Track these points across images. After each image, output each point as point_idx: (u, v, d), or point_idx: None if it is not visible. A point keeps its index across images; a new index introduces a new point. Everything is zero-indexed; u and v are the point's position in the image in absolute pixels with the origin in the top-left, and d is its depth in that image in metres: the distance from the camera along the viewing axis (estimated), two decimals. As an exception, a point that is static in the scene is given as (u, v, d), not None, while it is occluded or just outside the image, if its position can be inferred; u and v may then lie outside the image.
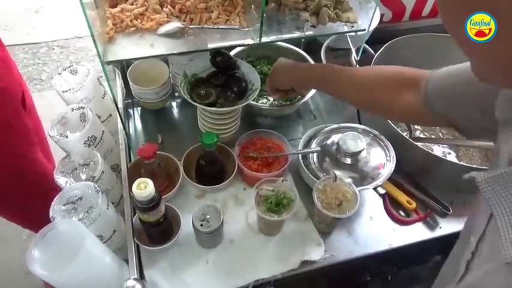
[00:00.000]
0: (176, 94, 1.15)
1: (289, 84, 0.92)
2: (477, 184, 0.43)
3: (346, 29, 0.86)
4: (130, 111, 1.13)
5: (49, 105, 2.36)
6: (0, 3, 3.11)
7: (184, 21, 0.82)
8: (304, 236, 0.89)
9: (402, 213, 0.95)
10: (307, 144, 0.99)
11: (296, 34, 0.83)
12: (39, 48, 2.80)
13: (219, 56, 0.93)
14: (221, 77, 0.94)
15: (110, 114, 1.02)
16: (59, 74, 0.95)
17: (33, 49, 2.80)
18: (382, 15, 1.25)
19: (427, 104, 0.67)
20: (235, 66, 0.95)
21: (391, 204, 0.95)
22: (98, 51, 0.70)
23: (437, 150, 1.09)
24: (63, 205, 0.76)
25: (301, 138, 1.00)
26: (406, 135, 1.01)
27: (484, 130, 0.58)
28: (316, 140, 0.98)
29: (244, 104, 0.89)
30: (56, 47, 2.82)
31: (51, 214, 0.75)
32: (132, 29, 0.79)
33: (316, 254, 0.87)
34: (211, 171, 0.93)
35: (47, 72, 2.65)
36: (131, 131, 1.09)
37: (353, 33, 0.89)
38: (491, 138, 0.54)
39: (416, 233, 0.93)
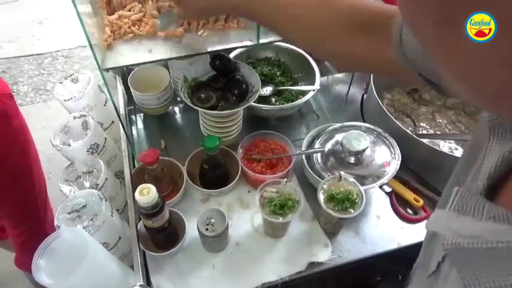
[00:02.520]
0: (178, 99, 1.15)
1: (208, 12, 0.73)
2: (443, 250, 0.35)
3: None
4: (133, 117, 1.13)
5: (55, 115, 2.40)
6: (5, 16, 3.15)
7: (182, 25, 0.82)
8: (310, 237, 0.88)
9: (410, 211, 0.94)
10: (311, 144, 0.98)
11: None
12: (43, 58, 2.83)
13: (219, 59, 0.92)
14: (221, 80, 0.93)
15: (113, 121, 1.02)
16: (60, 83, 0.96)
17: (37, 60, 2.83)
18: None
19: (400, 53, 0.51)
20: (235, 69, 0.95)
21: (398, 203, 0.94)
22: (96, 58, 0.70)
23: (444, 146, 1.07)
24: (68, 213, 0.76)
25: (304, 138, 0.99)
26: (411, 131, 1.00)
27: None
28: (319, 139, 0.98)
29: (245, 106, 0.89)
30: (60, 57, 2.85)
31: (56, 223, 0.75)
32: (130, 35, 0.79)
33: (324, 255, 0.86)
34: (215, 174, 0.92)
35: (52, 82, 2.67)
36: (134, 137, 1.09)
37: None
38: None
39: (425, 230, 0.91)
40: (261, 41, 0.80)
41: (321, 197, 0.82)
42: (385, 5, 0.56)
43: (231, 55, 1.10)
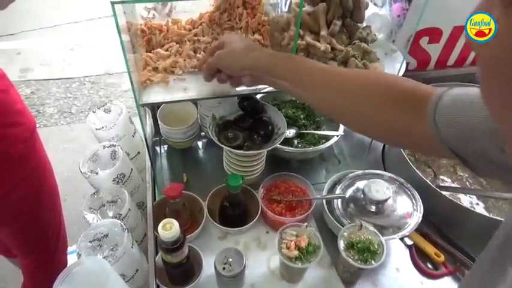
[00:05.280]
0: (202, 134, 1.18)
1: (242, 70, 0.72)
2: None
3: (373, 78, 0.88)
4: (158, 149, 1.16)
5: (77, 138, 2.46)
6: (40, 40, 3.31)
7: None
8: (327, 284, 0.87)
9: (430, 266, 0.92)
10: (332, 189, 0.99)
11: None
12: (71, 83, 2.94)
13: (247, 100, 0.95)
14: (248, 120, 0.96)
15: (139, 152, 1.05)
16: (93, 112, 0.99)
17: (65, 84, 2.94)
18: (407, 64, 1.27)
19: (434, 131, 0.54)
20: (262, 110, 0.97)
21: (418, 256, 0.92)
22: (134, 94, 0.73)
23: (465, 200, 1.06)
24: (90, 242, 0.77)
25: (324, 182, 1.00)
26: (431, 180, 0.99)
27: (500, 170, 0.49)
28: (340, 185, 0.98)
29: (271, 148, 0.91)
30: (88, 83, 2.95)
31: (77, 250, 0.76)
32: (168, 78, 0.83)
33: (340, 304, 0.84)
34: (235, 213, 0.93)
35: (77, 106, 2.76)
36: (157, 168, 1.11)
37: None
38: (506, 179, 0.47)
39: (446, 287, 0.89)
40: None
41: (341, 244, 0.82)
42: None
43: (258, 96, 1.13)
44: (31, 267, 1.23)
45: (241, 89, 0.84)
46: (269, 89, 0.85)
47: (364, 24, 0.90)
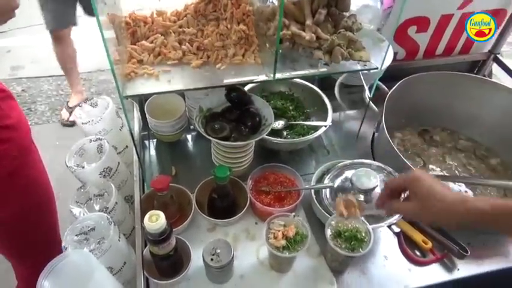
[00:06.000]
0: (191, 127, 1.17)
1: (458, 226, 0.67)
2: None
3: (359, 67, 0.88)
4: (146, 142, 1.16)
5: (69, 135, 2.44)
6: (30, 38, 3.28)
7: (201, 58, 0.85)
8: (316, 273, 0.87)
9: (418, 253, 0.92)
10: (320, 179, 0.99)
11: (309, 71, 0.85)
12: (63, 80, 2.91)
13: (234, 91, 0.95)
14: (235, 112, 0.95)
15: (126, 146, 1.04)
16: (79, 106, 0.99)
17: (57, 81, 2.91)
18: (395, 54, 1.27)
19: None
20: (250, 102, 0.97)
21: (406, 244, 0.93)
22: (117, 86, 0.72)
23: (454, 187, 1.07)
24: (76, 235, 0.77)
25: (314, 173, 1.00)
26: (420, 169, 0.99)
27: None
28: (329, 175, 0.98)
29: (258, 138, 0.90)
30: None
31: (63, 244, 0.75)
32: (152, 70, 0.82)
33: (329, 293, 0.84)
34: (223, 204, 0.93)
35: (69, 103, 2.74)
36: (146, 162, 1.10)
37: (366, 71, 0.91)
38: None
39: (433, 274, 0.89)
40: (277, 76, 0.82)
41: (328, 233, 0.82)
42: None
43: (246, 88, 1.13)
44: (26, 274, 1.21)
45: (228, 80, 0.83)
46: (259, 79, 0.84)
47: (349, 13, 0.90)
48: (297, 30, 0.85)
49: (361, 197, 0.91)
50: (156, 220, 0.72)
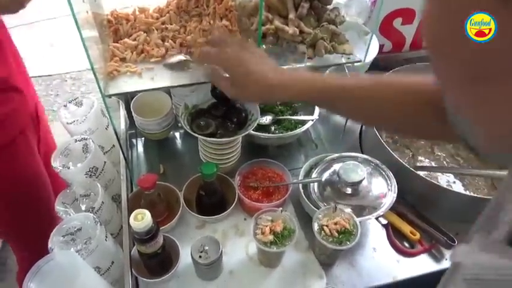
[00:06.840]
0: (179, 125, 1.17)
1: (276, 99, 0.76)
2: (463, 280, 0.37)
3: (343, 60, 0.88)
4: (134, 141, 1.15)
5: (61, 135, 2.42)
6: (19, 38, 3.23)
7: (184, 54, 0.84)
8: (305, 267, 0.88)
9: (406, 245, 0.93)
10: (308, 173, 0.99)
11: (293, 65, 0.85)
12: (52, 80, 2.89)
13: (220, 87, 0.94)
14: (221, 108, 0.95)
15: (113, 145, 1.04)
16: (64, 106, 0.98)
17: (46, 81, 2.89)
18: (381, 46, 1.27)
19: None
20: (236, 97, 0.97)
21: (394, 235, 0.93)
22: (98, 84, 0.72)
23: (442, 178, 1.07)
24: (62, 236, 0.76)
25: (302, 167, 1.00)
26: (408, 163, 1.00)
27: None
28: (317, 169, 0.98)
29: (244, 134, 0.90)
30: (69, 79, 2.91)
31: (49, 245, 0.75)
32: (134, 68, 0.82)
33: (318, 286, 0.84)
34: (211, 201, 0.93)
35: (58, 103, 2.72)
36: (134, 161, 1.10)
37: (350, 64, 0.90)
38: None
39: (422, 265, 0.90)
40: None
41: (316, 227, 0.82)
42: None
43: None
44: (26, 263, 1.22)
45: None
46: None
47: (333, 6, 0.90)
48: (280, 24, 0.85)
49: (349, 190, 0.91)
50: (141, 219, 0.72)
